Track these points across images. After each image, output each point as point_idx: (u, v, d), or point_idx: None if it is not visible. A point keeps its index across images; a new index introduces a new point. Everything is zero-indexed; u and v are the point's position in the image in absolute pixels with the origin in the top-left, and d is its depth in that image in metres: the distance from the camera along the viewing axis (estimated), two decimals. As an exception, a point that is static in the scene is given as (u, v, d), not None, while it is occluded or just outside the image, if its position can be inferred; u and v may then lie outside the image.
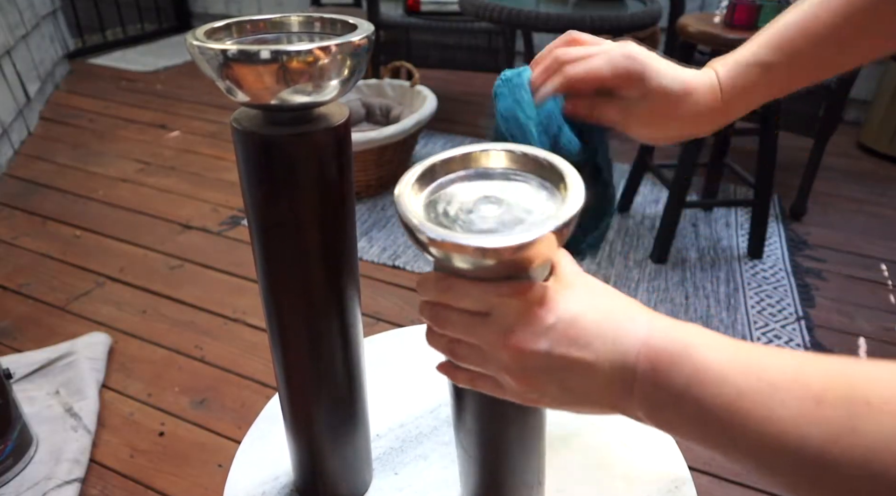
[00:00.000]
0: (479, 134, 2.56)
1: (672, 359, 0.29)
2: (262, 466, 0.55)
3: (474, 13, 1.66)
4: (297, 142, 0.36)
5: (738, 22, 1.54)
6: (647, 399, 0.30)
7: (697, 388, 0.28)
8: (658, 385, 0.29)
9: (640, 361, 0.30)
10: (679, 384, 0.29)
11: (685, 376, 0.28)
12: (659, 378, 0.29)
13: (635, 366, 0.30)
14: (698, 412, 0.28)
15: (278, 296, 0.42)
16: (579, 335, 0.32)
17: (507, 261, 0.31)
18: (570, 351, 0.32)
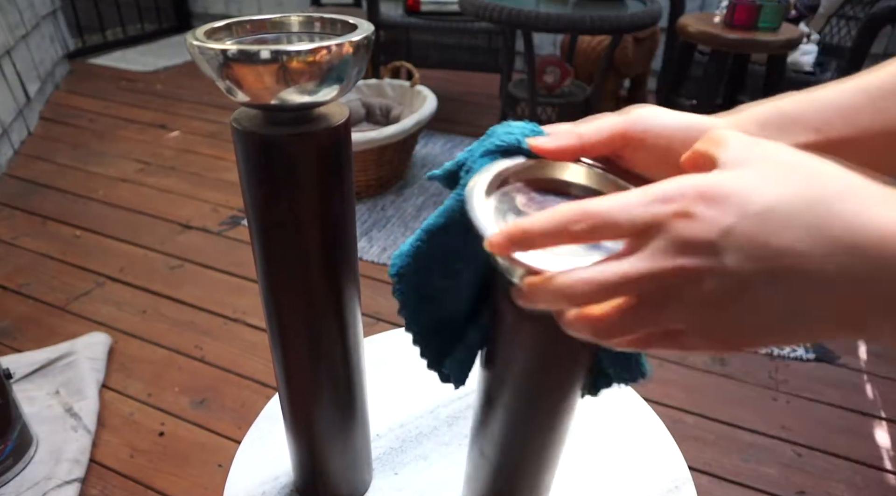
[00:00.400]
0: (479, 134, 2.55)
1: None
2: (262, 466, 0.55)
3: (474, 13, 1.66)
4: (297, 142, 0.36)
5: (738, 22, 1.54)
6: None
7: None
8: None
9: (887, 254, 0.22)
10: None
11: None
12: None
13: (878, 262, 0.22)
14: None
15: (278, 296, 0.42)
16: (777, 230, 0.23)
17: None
18: (767, 257, 0.23)
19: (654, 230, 0.24)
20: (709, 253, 0.23)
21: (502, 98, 2.06)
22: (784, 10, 1.54)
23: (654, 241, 0.24)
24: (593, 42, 2.49)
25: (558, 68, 1.85)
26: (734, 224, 0.23)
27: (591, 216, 0.25)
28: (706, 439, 1.18)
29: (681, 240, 0.24)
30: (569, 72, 1.86)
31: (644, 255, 0.24)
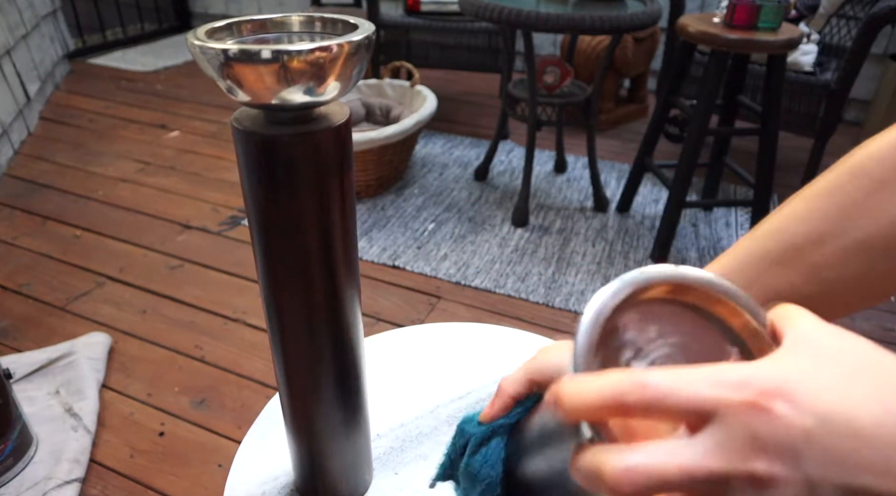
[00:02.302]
0: (478, 134, 2.56)
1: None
2: (262, 466, 0.55)
3: (474, 13, 1.66)
4: (298, 141, 0.36)
5: (738, 22, 1.54)
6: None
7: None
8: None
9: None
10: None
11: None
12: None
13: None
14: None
15: (278, 296, 0.42)
16: (855, 448, 0.20)
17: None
18: (855, 479, 0.20)
19: (720, 417, 0.21)
20: (789, 459, 0.20)
21: (502, 98, 2.06)
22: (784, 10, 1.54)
23: (721, 431, 0.21)
24: (593, 42, 2.49)
25: (558, 68, 1.85)
26: (815, 428, 0.20)
27: (648, 388, 0.22)
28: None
29: (757, 438, 0.20)
30: (569, 72, 1.86)
31: (708, 447, 0.21)
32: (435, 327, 0.72)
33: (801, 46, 1.99)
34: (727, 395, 0.21)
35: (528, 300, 1.58)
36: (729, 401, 0.21)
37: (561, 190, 2.14)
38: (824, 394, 0.21)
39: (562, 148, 2.22)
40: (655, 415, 0.22)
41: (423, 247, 1.79)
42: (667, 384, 0.22)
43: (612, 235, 1.87)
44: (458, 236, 1.85)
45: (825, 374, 0.21)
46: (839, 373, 0.21)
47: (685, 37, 1.60)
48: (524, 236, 1.86)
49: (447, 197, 2.07)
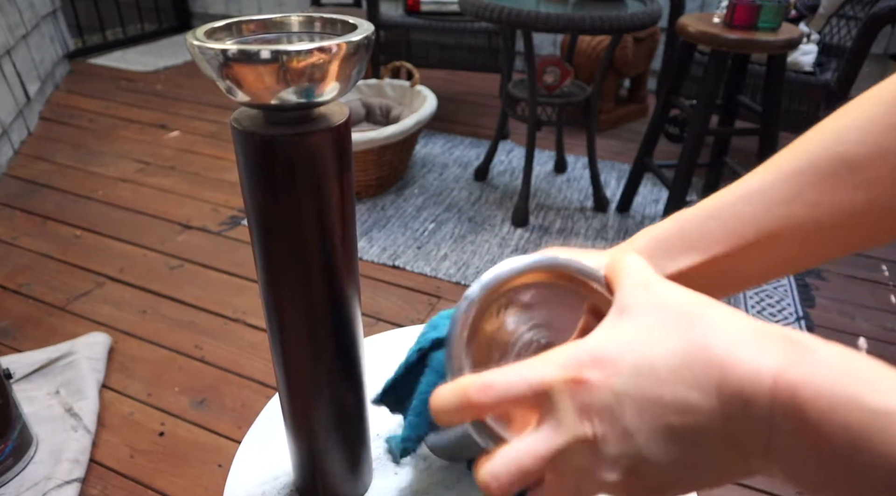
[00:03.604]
0: (478, 134, 2.56)
1: (830, 403, 0.21)
2: (262, 466, 0.55)
3: (474, 13, 1.66)
4: (298, 142, 0.36)
5: (738, 22, 1.54)
6: (793, 456, 0.22)
7: (874, 443, 0.20)
8: (809, 436, 0.21)
9: (776, 409, 0.22)
10: (844, 436, 0.20)
11: (856, 426, 0.20)
12: (809, 428, 0.21)
13: (770, 415, 0.22)
14: (875, 472, 0.20)
15: (278, 296, 0.42)
16: (660, 395, 0.24)
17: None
18: (663, 419, 0.23)
19: (553, 398, 0.25)
20: (607, 417, 0.24)
21: (502, 98, 2.06)
22: (784, 10, 1.54)
23: (556, 410, 0.24)
24: (593, 42, 2.49)
25: (558, 68, 1.85)
26: (622, 385, 0.24)
27: (490, 388, 0.25)
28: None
29: (580, 407, 0.24)
30: (569, 72, 1.86)
31: (551, 427, 0.25)
32: (435, 327, 0.72)
33: (801, 46, 1.99)
34: (555, 377, 0.25)
35: (528, 300, 1.58)
36: (556, 382, 0.24)
37: (561, 190, 2.14)
38: (629, 354, 0.24)
39: (562, 148, 2.22)
40: (508, 407, 0.26)
41: (423, 247, 1.79)
42: (505, 381, 0.25)
43: (612, 235, 1.87)
44: (458, 236, 1.85)
45: (632, 335, 0.25)
46: (645, 328, 0.25)
47: (685, 37, 1.60)
48: (524, 236, 1.86)
49: (447, 197, 2.07)
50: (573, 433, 0.24)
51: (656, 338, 0.24)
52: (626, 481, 0.24)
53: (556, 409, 0.24)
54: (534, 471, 0.25)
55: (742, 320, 0.24)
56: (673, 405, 0.23)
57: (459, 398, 0.26)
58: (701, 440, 0.23)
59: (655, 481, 0.24)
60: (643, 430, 0.23)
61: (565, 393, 0.24)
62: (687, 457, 0.24)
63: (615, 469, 0.24)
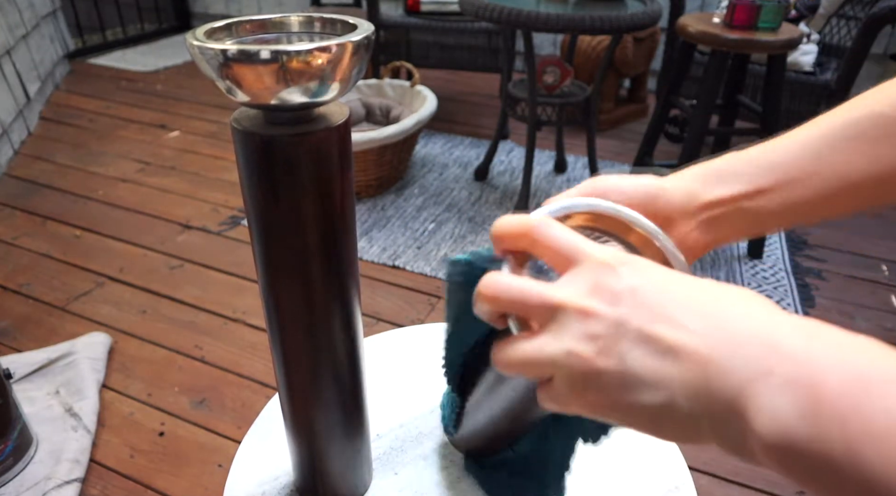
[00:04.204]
0: (478, 134, 2.56)
1: (854, 399, 0.20)
2: (262, 466, 0.55)
3: (474, 13, 1.66)
4: (298, 142, 0.36)
5: (738, 22, 1.54)
6: (790, 444, 0.21)
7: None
8: (821, 430, 0.20)
9: (786, 386, 0.21)
10: (860, 433, 0.20)
11: (878, 427, 0.19)
12: (822, 422, 0.20)
13: (768, 385, 0.21)
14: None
15: (278, 296, 0.42)
16: (664, 305, 0.25)
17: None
18: (652, 325, 0.24)
19: (581, 265, 0.27)
20: (610, 301, 0.26)
21: (502, 98, 2.06)
22: (784, 10, 1.54)
23: (577, 272, 0.27)
24: (593, 42, 2.49)
25: (558, 68, 1.85)
26: (639, 286, 0.26)
27: (541, 227, 0.29)
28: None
29: (597, 284, 0.26)
30: (569, 72, 1.86)
31: (564, 280, 0.27)
32: (435, 327, 0.72)
33: (801, 46, 1.99)
34: (594, 253, 0.27)
35: (528, 300, 1.58)
36: (592, 257, 0.27)
37: (561, 190, 2.12)
38: (657, 273, 0.27)
39: (562, 148, 2.22)
40: (541, 250, 0.29)
41: (423, 247, 1.79)
42: (557, 233, 0.28)
43: (612, 235, 1.87)
44: (458, 236, 1.85)
45: (636, 263, 0.27)
46: (646, 264, 0.27)
47: (685, 37, 1.60)
48: (524, 236, 1.86)
49: (447, 197, 2.07)
50: (577, 300, 0.26)
51: (682, 276, 0.27)
52: (600, 400, 0.26)
53: (577, 274, 0.27)
54: (530, 368, 0.27)
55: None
56: (671, 317, 0.24)
57: (520, 225, 0.30)
58: (675, 404, 0.24)
59: (625, 405, 0.25)
60: (632, 326, 0.25)
61: (593, 268, 0.27)
62: (652, 381, 0.24)
63: (597, 392, 0.26)
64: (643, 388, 0.25)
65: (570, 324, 0.26)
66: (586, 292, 0.26)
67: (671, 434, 0.25)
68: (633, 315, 0.25)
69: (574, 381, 0.26)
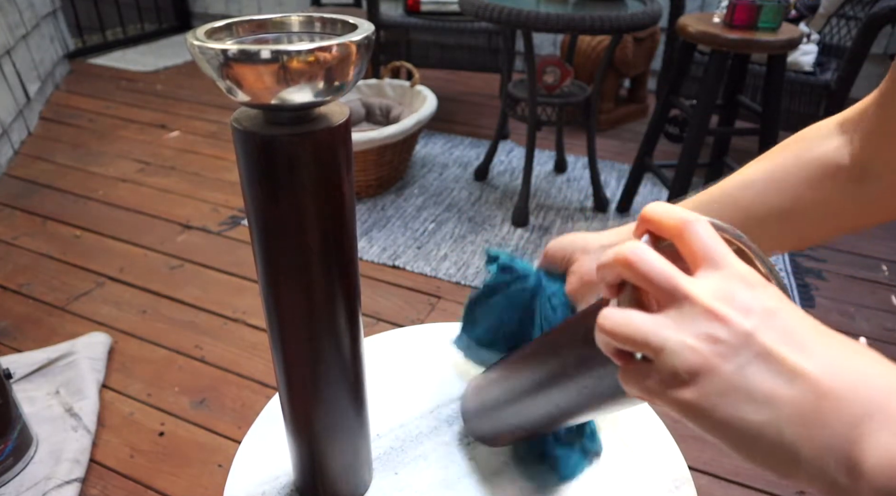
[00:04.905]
0: (478, 134, 2.56)
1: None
2: (262, 466, 0.55)
3: (474, 13, 1.66)
4: (298, 142, 0.36)
5: (738, 22, 1.54)
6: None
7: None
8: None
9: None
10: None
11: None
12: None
13: (890, 425, 0.22)
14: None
15: (278, 296, 0.42)
16: (794, 331, 0.25)
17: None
18: (778, 346, 0.24)
19: (685, 311, 0.27)
20: (745, 314, 0.25)
21: (502, 98, 2.06)
22: (784, 10, 1.54)
23: (718, 278, 0.27)
24: (593, 42, 2.49)
25: (558, 68, 1.85)
26: (778, 311, 0.26)
27: (645, 261, 0.28)
28: (706, 439, 1.17)
29: (735, 296, 0.26)
30: (569, 72, 1.86)
31: (671, 321, 0.27)
32: (435, 327, 0.72)
33: (801, 46, 1.99)
34: (737, 265, 0.27)
35: (528, 300, 1.58)
36: (734, 268, 0.27)
37: (561, 190, 2.14)
38: (790, 304, 0.27)
39: (562, 148, 2.22)
40: (686, 244, 0.28)
41: (423, 247, 1.79)
42: (707, 234, 0.28)
43: (612, 235, 1.87)
44: (458, 236, 1.85)
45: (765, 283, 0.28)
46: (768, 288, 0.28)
47: (685, 37, 1.60)
48: (524, 236, 1.86)
49: (447, 197, 2.07)
50: (684, 340, 0.25)
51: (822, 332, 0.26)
52: (696, 402, 0.26)
53: (719, 279, 0.26)
54: (636, 343, 0.27)
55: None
56: (795, 343, 0.25)
57: (616, 254, 0.28)
58: (784, 415, 0.24)
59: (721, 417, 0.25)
60: (758, 344, 0.25)
61: (701, 315, 0.26)
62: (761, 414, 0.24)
63: (695, 394, 0.26)
64: (750, 402, 0.24)
65: (696, 319, 0.26)
66: (720, 297, 0.26)
67: (760, 457, 0.25)
68: (761, 331, 0.25)
69: (677, 373, 0.26)
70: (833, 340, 0.25)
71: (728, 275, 0.26)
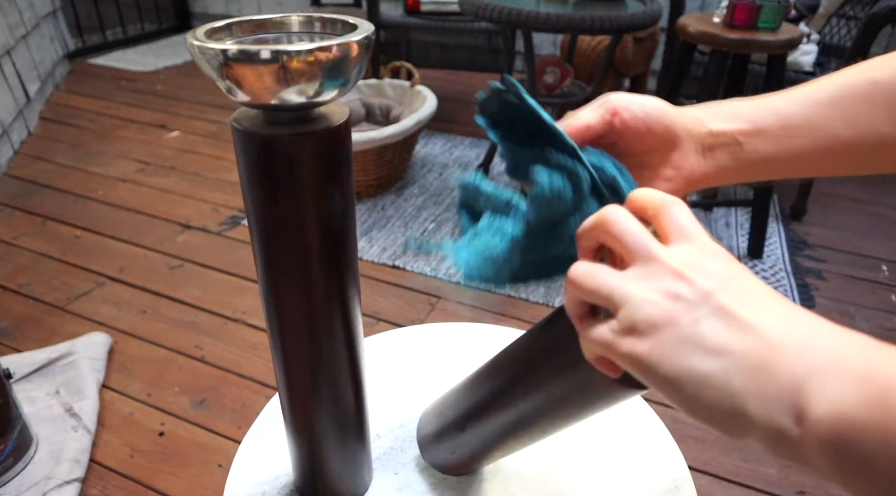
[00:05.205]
0: (478, 134, 2.56)
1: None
2: (262, 466, 0.55)
3: (474, 13, 1.66)
4: (298, 142, 0.36)
5: (738, 22, 1.54)
6: (850, 429, 0.21)
7: None
8: (886, 416, 0.21)
9: (855, 379, 0.22)
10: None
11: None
12: (889, 410, 0.21)
13: (835, 376, 0.22)
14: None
15: (278, 296, 0.42)
16: (751, 292, 0.26)
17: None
18: (734, 304, 0.26)
19: (653, 269, 0.28)
20: (706, 276, 0.27)
21: (502, 98, 2.05)
22: (784, 10, 1.54)
23: (649, 274, 0.28)
24: (593, 42, 2.49)
25: (558, 68, 1.85)
26: (736, 277, 0.27)
27: (617, 225, 0.29)
28: (706, 439, 1.18)
29: (698, 262, 0.28)
30: (569, 72, 1.86)
31: (635, 276, 0.28)
32: (435, 327, 0.72)
33: (801, 46, 1.99)
34: (706, 240, 0.29)
35: (528, 300, 1.58)
36: (702, 241, 0.29)
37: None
38: (753, 277, 0.28)
39: (562, 148, 2.22)
40: (662, 221, 0.29)
41: (423, 247, 1.79)
42: (684, 213, 0.30)
43: (612, 235, 1.87)
44: (458, 236, 1.84)
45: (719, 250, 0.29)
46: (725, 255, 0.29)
47: (685, 37, 1.60)
48: (524, 236, 1.86)
49: (447, 197, 2.07)
50: (646, 294, 0.27)
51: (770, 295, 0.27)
52: (651, 351, 0.27)
53: (650, 273, 0.28)
54: (600, 294, 0.29)
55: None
56: (749, 301, 0.26)
57: (597, 217, 0.30)
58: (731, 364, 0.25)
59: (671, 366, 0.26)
60: (715, 302, 0.26)
61: (666, 274, 0.27)
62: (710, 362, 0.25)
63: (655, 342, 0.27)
64: (702, 352, 0.25)
65: (661, 277, 0.27)
66: (686, 261, 0.27)
67: (705, 409, 0.26)
68: (720, 292, 0.26)
69: (635, 325, 0.27)
70: (787, 305, 0.26)
71: (696, 246, 0.28)
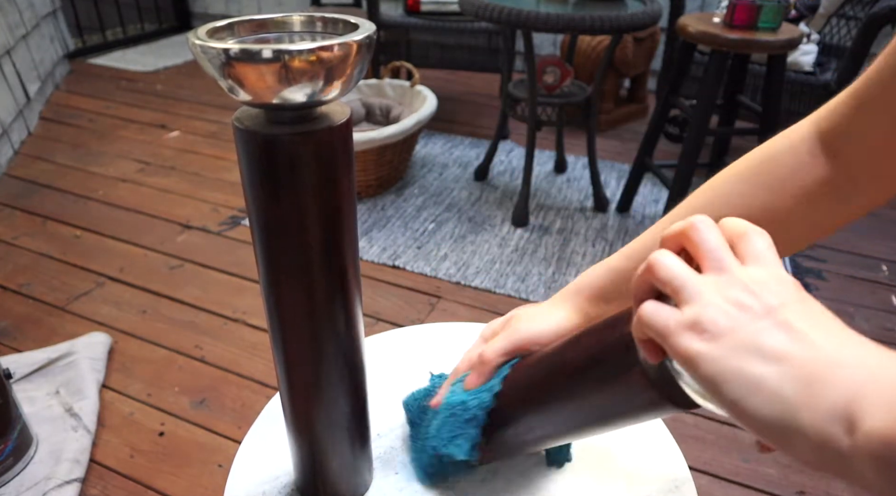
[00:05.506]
0: (478, 134, 2.56)
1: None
2: (262, 466, 0.55)
3: (474, 13, 1.66)
4: (299, 141, 0.36)
5: (738, 22, 1.54)
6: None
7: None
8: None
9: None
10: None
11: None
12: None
13: (891, 389, 0.23)
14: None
15: (279, 296, 0.42)
16: (815, 314, 0.28)
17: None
18: (797, 321, 0.27)
19: (700, 289, 0.30)
20: (773, 294, 0.28)
21: (502, 98, 2.06)
22: (784, 10, 1.54)
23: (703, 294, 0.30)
24: (593, 42, 2.49)
25: (558, 68, 1.85)
26: (800, 301, 0.29)
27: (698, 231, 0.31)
28: (706, 439, 1.18)
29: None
30: (569, 72, 1.86)
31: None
32: (435, 327, 0.72)
33: (801, 46, 1.99)
34: (778, 267, 0.31)
35: (529, 300, 1.58)
36: (774, 269, 0.30)
37: (561, 190, 2.14)
38: (818, 305, 0.30)
39: (562, 148, 2.22)
40: (742, 246, 0.31)
41: (423, 247, 1.79)
42: (765, 244, 0.31)
43: (612, 235, 1.87)
44: (458, 236, 1.85)
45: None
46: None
47: (685, 37, 1.60)
48: (524, 236, 1.86)
49: (447, 197, 2.07)
50: (717, 299, 0.29)
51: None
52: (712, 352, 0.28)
53: (722, 282, 0.29)
54: (674, 284, 0.30)
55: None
56: (807, 323, 0.28)
57: (684, 224, 0.32)
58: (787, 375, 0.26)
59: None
60: (778, 318, 0.27)
61: (737, 285, 0.29)
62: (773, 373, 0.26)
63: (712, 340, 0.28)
64: (759, 357, 0.26)
65: (732, 286, 0.29)
66: (755, 279, 0.29)
67: (756, 415, 0.26)
68: (784, 308, 0.28)
69: (700, 322, 0.28)
70: (845, 327, 0.28)
71: (768, 270, 0.30)
